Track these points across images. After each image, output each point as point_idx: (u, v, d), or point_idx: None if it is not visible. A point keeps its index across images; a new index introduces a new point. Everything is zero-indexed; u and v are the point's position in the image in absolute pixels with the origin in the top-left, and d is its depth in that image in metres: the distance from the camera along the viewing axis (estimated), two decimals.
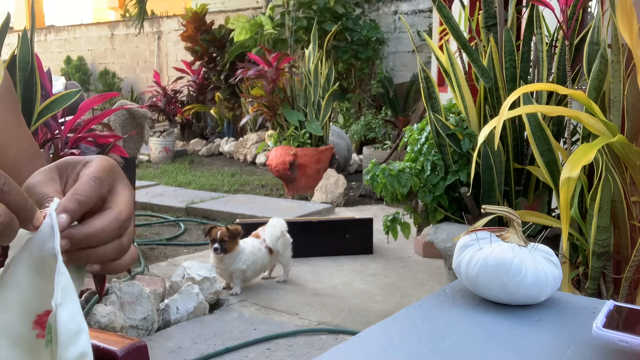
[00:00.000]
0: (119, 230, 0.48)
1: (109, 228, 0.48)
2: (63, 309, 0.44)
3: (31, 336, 0.46)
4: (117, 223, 0.48)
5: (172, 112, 8.69)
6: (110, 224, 0.48)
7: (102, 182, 0.48)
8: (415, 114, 6.75)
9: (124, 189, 0.51)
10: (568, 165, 1.66)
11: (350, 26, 7.44)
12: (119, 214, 0.48)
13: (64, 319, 0.44)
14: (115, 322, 2.52)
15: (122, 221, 0.48)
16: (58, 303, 0.43)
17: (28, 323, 0.46)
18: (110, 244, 0.48)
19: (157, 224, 4.82)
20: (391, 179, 2.66)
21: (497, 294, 0.83)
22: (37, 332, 0.46)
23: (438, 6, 2.54)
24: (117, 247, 0.49)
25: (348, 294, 3.24)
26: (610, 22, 1.97)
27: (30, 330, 0.46)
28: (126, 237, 0.50)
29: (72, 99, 2.32)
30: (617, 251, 1.97)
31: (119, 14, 14.16)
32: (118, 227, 0.48)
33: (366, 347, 0.72)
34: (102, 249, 0.48)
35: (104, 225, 0.47)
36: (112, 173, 0.50)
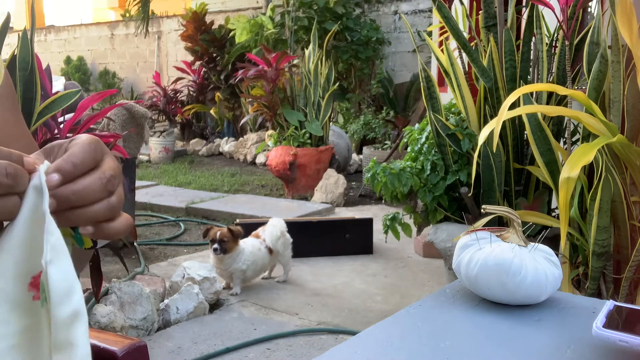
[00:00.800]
0: (105, 187, 0.49)
1: (95, 185, 0.48)
2: (54, 266, 0.44)
3: (27, 298, 0.46)
4: (101, 180, 0.48)
5: (172, 112, 8.69)
6: (95, 180, 0.48)
7: (96, 148, 0.49)
8: (415, 114, 6.75)
9: (109, 156, 0.52)
10: (568, 165, 1.66)
11: (351, 26, 7.44)
12: (103, 172, 0.49)
13: (55, 277, 0.44)
14: (115, 322, 2.52)
15: (106, 178, 0.49)
16: (48, 261, 0.44)
17: (24, 286, 0.46)
18: (98, 204, 0.49)
19: (157, 224, 4.82)
20: (392, 177, 2.66)
21: (497, 294, 0.83)
22: (32, 294, 0.47)
23: (438, 6, 2.54)
24: (106, 206, 0.49)
25: (348, 294, 3.24)
26: (610, 22, 1.97)
27: (26, 293, 0.46)
28: (115, 197, 0.50)
29: (72, 99, 2.32)
30: (617, 251, 1.97)
31: (119, 14, 14.16)
32: (104, 184, 0.48)
33: (366, 347, 0.72)
34: (91, 209, 0.48)
35: (89, 182, 0.48)
36: (100, 144, 0.51)
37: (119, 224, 0.52)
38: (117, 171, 0.51)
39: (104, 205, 0.49)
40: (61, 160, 0.47)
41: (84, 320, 0.46)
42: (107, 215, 0.50)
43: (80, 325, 0.45)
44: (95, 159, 0.49)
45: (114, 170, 0.50)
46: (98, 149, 0.50)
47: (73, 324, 0.45)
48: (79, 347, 0.45)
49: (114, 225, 0.51)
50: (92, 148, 0.49)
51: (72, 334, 0.45)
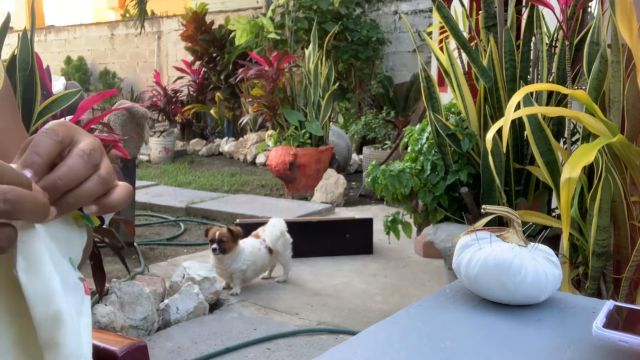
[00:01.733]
0: (89, 162, 0.48)
1: (77, 163, 0.47)
2: (25, 272, 0.45)
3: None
4: (81, 157, 0.48)
5: (172, 112, 8.69)
6: (75, 160, 0.48)
7: (56, 131, 0.48)
8: (415, 114, 6.74)
9: (83, 135, 0.51)
10: (568, 165, 1.66)
11: (351, 26, 7.44)
12: (80, 150, 0.48)
13: (26, 282, 0.45)
14: (115, 322, 2.52)
15: (86, 154, 0.48)
16: (18, 268, 0.45)
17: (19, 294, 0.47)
18: (89, 181, 0.48)
19: (157, 224, 4.82)
20: (392, 179, 2.66)
21: (497, 294, 0.83)
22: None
23: (438, 6, 2.54)
24: (97, 181, 0.49)
25: (348, 294, 3.24)
26: (610, 22, 1.97)
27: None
28: (103, 169, 0.50)
29: (72, 99, 2.32)
30: (617, 251, 1.97)
31: (119, 14, 14.15)
32: (86, 160, 0.48)
33: (366, 347, 0.72)
34: (84, 187, 0.48)
35: (71, 163, 0.47)
36: (67, 126, 0.50)
37: (119, 194, 0.51)
38: (94, 145, 0.50)
39: (95, 181, 0.49)
40: (25, 155, 0.46)
41: (68, 320, 0.47)
42: (102, 189, 0.50)
43: (63, 325, 0.46)
44: (59, 140, 0.48)
45: (91, 144, 0.50)
46: (60, 131, 0.48)
47: (56, 324, 0.46)
48: (65, 347, 0.47)
49: (113, 197, 0.51)
50: (52, 132, 0.48)
51: (56, 333, 0.46)
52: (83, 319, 0.51)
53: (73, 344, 0.47)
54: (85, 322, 0.51)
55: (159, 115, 9.03)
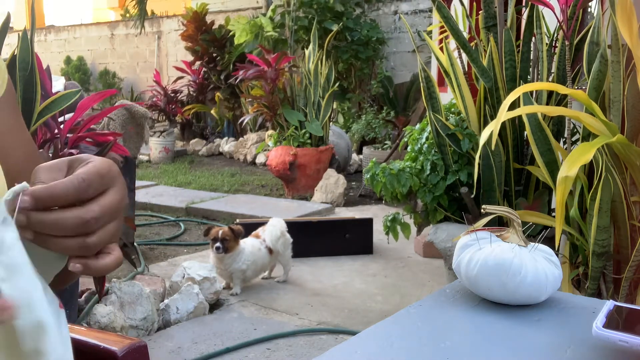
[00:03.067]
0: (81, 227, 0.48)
1: (67, 222, 0.47)
2: (6, 283, 0.45)
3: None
4: (78, 219, 0.48)
5: (172, 112, 8.69)
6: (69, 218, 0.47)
7: (89, 186, 0.48)
8: (415, 114, 6.75)
9: (112, 191, 0.51)
10: (566, 164, 1.66)
11: (351, 26, 7.44)
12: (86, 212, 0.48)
13: (8, 292, 0.45)
14: (115, 322, 2.52)
15: (86, 219, 0.48)
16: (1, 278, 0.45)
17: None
18: (70, 239, 0.48)
19: (157, 224, 4.82)
20: (391, 178, 2.66)
21: (497, 294, 0.83)
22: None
23: (438, 6, 2.54)
24: (78, 244, 0.49)
25: (348, 294, 3.24)
26: (610, 22, 1.97)
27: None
28: (95, 237, 0.49)
29: (72, 99, 2.32)
30: (617, 251, 1.97)
31: (119, 14, 14.15)
32: (80, 224, 0.48)
33: (366, 347, 0.72)
34: (61, 241, 0.48)
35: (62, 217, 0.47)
36: (106, 179, 0.50)
37: (105, 262, 0.51)
38: (107, 211, 0.50)
39: (77, 243, 0.49)
40: (44, 187, 0.47)
41: (51, 329, 0.47)
42: (79, 253, 0.49)
43: (46, 333, 0.47)
44: (80, 196, 0.48)
45: (104, 210, 0.49)
46: (93, 186, 0.49)
47: (39, 332, 0.47)
48: (50, 354, 0.47)
49: (101, 264, 0.51)
50: (84, 186, 0.48)
51: (39, 343, 0.47)
52: (63, 330, 0.51)
53: (59, 351, 0.48)
54: (65, 333, 0.51)
55: (159, 115, 9.03)
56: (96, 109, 6.64)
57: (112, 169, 0.51)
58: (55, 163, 0.52)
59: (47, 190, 0.47)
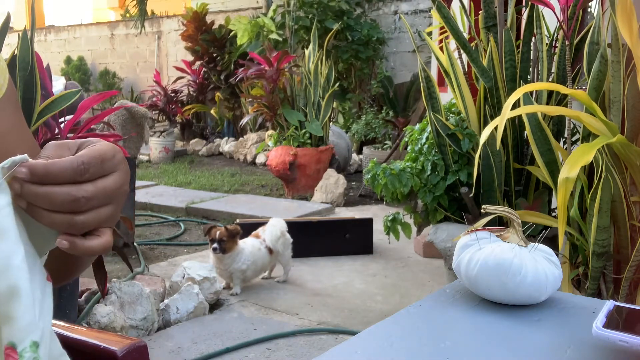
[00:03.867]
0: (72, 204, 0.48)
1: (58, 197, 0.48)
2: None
3: None
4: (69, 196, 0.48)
5: (172, 112, 8.69)
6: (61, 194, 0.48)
7: (86, 169, 0.49)
8: (415, 114, 6.74)
9: (115, 175, 0.51)
10: (567, 165, 1.66)
11: (351, 25, 7.44)
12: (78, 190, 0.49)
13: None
14: (115, 322, 2.52)
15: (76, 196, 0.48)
16: None
17: None
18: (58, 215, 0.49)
19: (157, 224, 4.82)
20: (392, 178, 2.66)
21: (497, 294, 0.83)
22: None
23: (438, 6, 2.54)
24: (65, 221, 0.49)
25: (348, 294, 3.24)
26: (610, 22, 1.97)
27: None
28: (83, 216, 0.50)
29: (72, 99, 2.32)
30: (617, 251, 1.97)
31: (119, 14, 14.15)
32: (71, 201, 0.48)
33: (366, 347, 0.72)
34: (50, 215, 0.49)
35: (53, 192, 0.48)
36: (106, 163, 0.51)
37: (92, 243, 0.51)
38: (102, 193, 0.50)
39: (64, 219, 0.49)
40: (42, 163, 0.48)
41: (25, 295, 0.48)
42: (66, 230, 0.50)
43: (19, 299, 0.47)
44: (76, 179, 0.49)
45: (98, 191, 0.50)
46: (92, 171, 0.49)
47: (11, 298, 0.47)
48: (19, 320, 0.48)
49: (84, 242, 0.51)
50: (82, 169, 0.48)
51: (10, 307, 0.47)
52: (46, 300, 0.52)
53: (27, 318, 0.48)
54: (48, 304, 0.52)
55: (159, 115, 9.03)
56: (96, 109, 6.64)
57: (116, 156, 0.51)
58: (66, 142, 0.52)
59: (45, 165, 0.48)
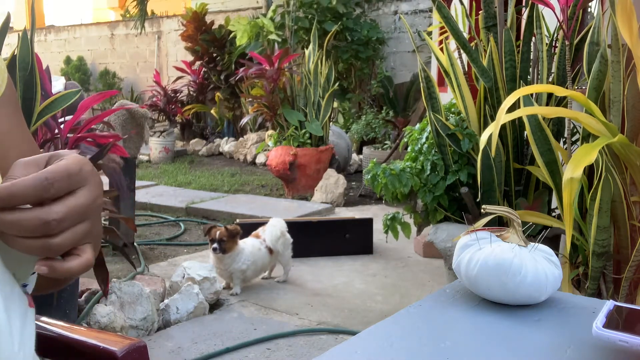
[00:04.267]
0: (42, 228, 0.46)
1: (27, 222, 0.46)
2: None
3: None
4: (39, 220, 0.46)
5: (172, 112, 8.69)
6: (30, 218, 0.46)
7: (51, 185, 0.46)
8: (415, 114, 6.75)
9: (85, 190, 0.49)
10: (570, 165, 1.66)
11: (351, 26, 7.44)
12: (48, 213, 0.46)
13: None
14: (115, 322, 2.52)
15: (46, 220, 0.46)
16: None
17: None
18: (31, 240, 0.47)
19: (157, 224, 4.82)
20: (392, 178, 2.66)
21: (497, 294, 0.83)
22: None
23: (438, 6, 2.54)
24: (39, 245, 0.47)
25: (348, 294, 3.24)
26: (610, 22, 1.97)
27: None
28: (59, 238, 0.47)
29: (72, 99, 2.32)
30: (617, 251, 1.97)
31: (119, 14, 14.15)
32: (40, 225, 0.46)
33: (366, 347, 0.72)
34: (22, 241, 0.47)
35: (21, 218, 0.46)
36: (73, 177, 0.48)
37: (71, 265, 0.49)
38: (73, 212, 0.48)
39: (39, 244, 0.47)
40: (4, 186, 0.45)
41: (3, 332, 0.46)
42: (42, 254, 0.48)
43: None
44: (41, 197, 0.46)
45: (69, 211, 0.47)
46: (57, 186, 0.47)
47: None
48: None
49: (63, 265, 0.49)
50: (46, 185, 0.46)
51: None
52: (27, 328, 0.50)
53: (6, 351, 0.46)
54: (29, 332, 0.50)
55: (159, 115, 9.03)
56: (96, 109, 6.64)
57: (83, 168, 0.49)
58: (35, 158, 0.50)
59: (7, 188, 0.45)
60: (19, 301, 0.50)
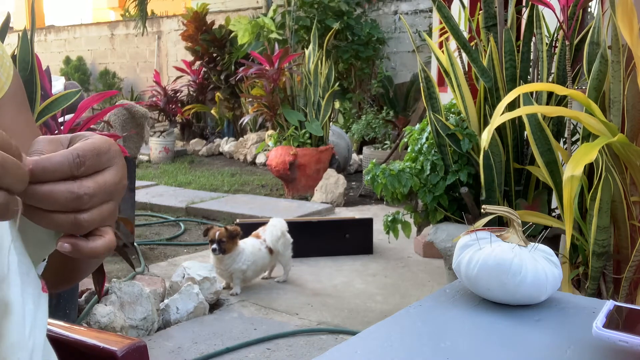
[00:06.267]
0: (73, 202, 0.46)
1: (59, 196, 0.45)
2: None
3: None
4: (70, 193, 0.45)
5: (172, 112, 8.69)
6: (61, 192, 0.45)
7: (83, 162, 0.46)
8: (415, 114, 6.74)
9: (112, 170, 0.49)
10: (570, 164, 1.66)
11: (352, 25, 7.44)
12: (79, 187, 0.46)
13: None
14: (115, 322, 2.52)
15: (78, 193, 0.46)
16: None
17: None
18: (61, 215, 0.46)
19: (157, 224, 4.82)
20: (391, 178, 2.66)
21: (497, 294, 0.83)
22: None
23: (438, 6, 2.54)
24: (69, 221, 0.46)
25: (348, 294, 3.24)
26: (611, 22, 1.97)
27: None
28: (87, 214, 0.47)
29: (71, 99, 2.32)
30: (617, 251, 1.97)
31: (119, 14, 14.16)
32: (72, 199, 0.45)
33: (366, 347, 0.72)
34: (51, 216, 0.46)
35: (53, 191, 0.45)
36: (102, 156, 0.48)
37: (96, 244, 0.49)
38: (102, 189, 0.47)
39: (68, 219, 0.46)
40: (35, 159, 0.45)
41: (15, 311, 0.45)
42: (70, 230, 0.47)
43: (8, 315, 0.45)
44: (73, 173, 0.46)
45: (99, 187, 0.47)
46: (88, 164, 0.47)
47: (1, 313, 0.45)
48: (7, 337, 0.45)
49: (87, 244, 0.48)
50: (77, 162, 0.46)
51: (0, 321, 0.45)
52: (39, 313, 0.49)
53: (16, 335, 0.46)
54: (41, 317, 0.49)
55: (159, 115, 9.03)
56: (96, 109, 6.64)
57: (112, 149, 0.49)
58: (58, 137, 0.50)
59: (41, 162, 0.45)
60: (34, 285, 0.49)
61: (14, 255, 0.46)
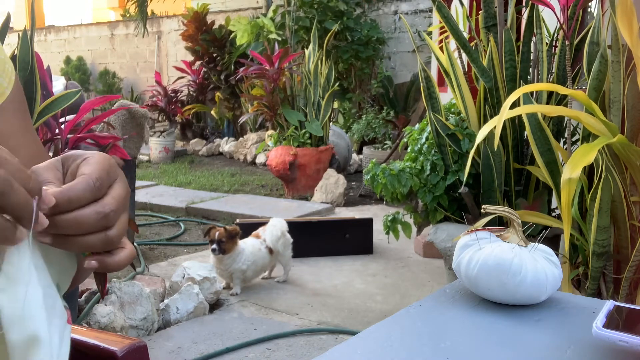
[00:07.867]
0: (101, 221, 0.48)
1: (88, 218, 0.47)
2: (3, 294, 0.45)
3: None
4: (98, 214, 0.48)
5: (172, 112, 8.69)
6: (90, 214, 0.47)
7: (101, 186, 0.49)
8: (416, 114, 6.75)
9: (117, 185, 0.51)
10: (569, 166, 1.66)
11: (351, 25, 7.44)
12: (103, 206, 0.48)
13: (3, 304, 0.44)
14: (115, 322, 2.52)
15: (104, 213, 0.48)
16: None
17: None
18: (92, 235, 0.48)
19: (157, 224, 4.82)
20: (391, 178, 2.66)
21: (497, 294, 0.83)
22: None
23: (438, 6, 2.54)
24: (101, 239, 0.49)
25: (348, 294, 3.24)
26: (610, 22, 1.97)
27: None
28: (114, 230, 0.50)
29: (72, 99, 2.32)
30: (617, 251, 1.97)
31: (119, 14, 14.16)
32: (100, 219, 0.48)
33: (366, 347, 0.72)
34: (84, 239, 0.48)
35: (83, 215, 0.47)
36: (111, 174, 0.51)
37: (120, 257, 0.51)
38: (120, 203, 0.50)
39: (99, 238, 0.49)
40: (59, 191, 0.46)
41: (45, 345, 0.46)
42: (103, 248, 0.50)
43: (38, 350, 0.46)
44: (97, 192, 0.48)
45: (118, 202, 0.50)
46: (104, 185, 0.49)
47: (30, 348, 0.45)
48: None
49: (116, 260, 0.51)
50: (98, 186, 0.48)
51: (29, 358, 0.45)
52: (63, 347, 0.50)
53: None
54: (65, 351, 0.50)
55: (159, 115, 9.03)
56: (97, 110, 6.64)
57: (112, 163, 0.52)
58: (51, 162, 0.51)
59: (65, 193, 0.47)
60: (59, 317, 0.50)
61: (38, 289, 0.46)
